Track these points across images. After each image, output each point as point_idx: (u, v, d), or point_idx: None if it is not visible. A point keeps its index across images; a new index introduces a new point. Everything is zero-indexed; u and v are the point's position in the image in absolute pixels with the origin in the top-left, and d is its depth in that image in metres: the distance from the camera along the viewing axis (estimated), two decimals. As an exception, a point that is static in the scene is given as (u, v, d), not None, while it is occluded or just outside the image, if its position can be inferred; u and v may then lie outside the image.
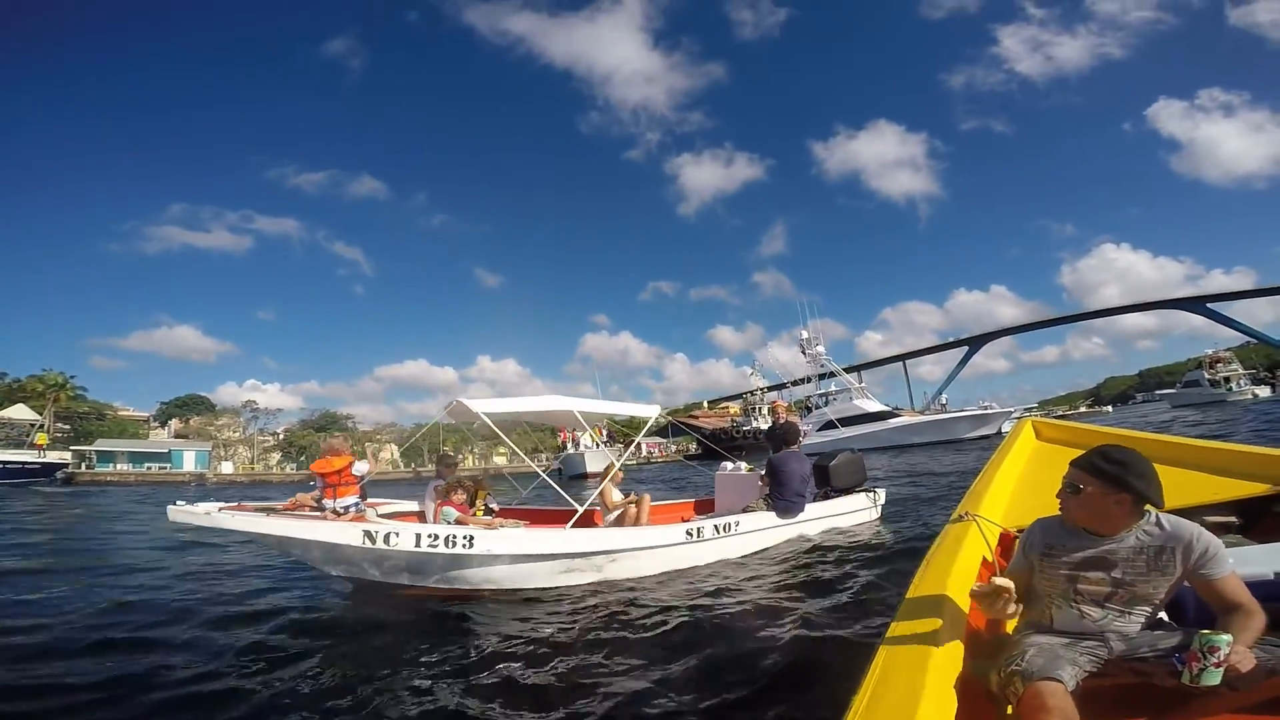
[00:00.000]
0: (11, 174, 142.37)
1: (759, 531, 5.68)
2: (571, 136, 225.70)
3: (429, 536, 4.25)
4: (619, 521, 5.95)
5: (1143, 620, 1.75)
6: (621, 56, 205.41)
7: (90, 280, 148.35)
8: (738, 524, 5.49)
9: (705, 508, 7.34)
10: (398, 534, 4.19)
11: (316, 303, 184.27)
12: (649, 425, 6.06)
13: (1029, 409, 37.19)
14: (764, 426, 57.26)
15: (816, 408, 40.92)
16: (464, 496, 5.25)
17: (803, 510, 5.91)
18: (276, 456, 65.08)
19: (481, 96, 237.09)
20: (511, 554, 4.53)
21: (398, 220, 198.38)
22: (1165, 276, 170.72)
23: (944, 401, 53.00)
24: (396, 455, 62.95)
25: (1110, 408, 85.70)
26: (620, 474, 6.57)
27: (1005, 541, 2.64)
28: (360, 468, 5.24)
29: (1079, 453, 1.86)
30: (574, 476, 34.12)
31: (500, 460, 61.74)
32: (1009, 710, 1.66)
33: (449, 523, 4.77)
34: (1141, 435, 3.89)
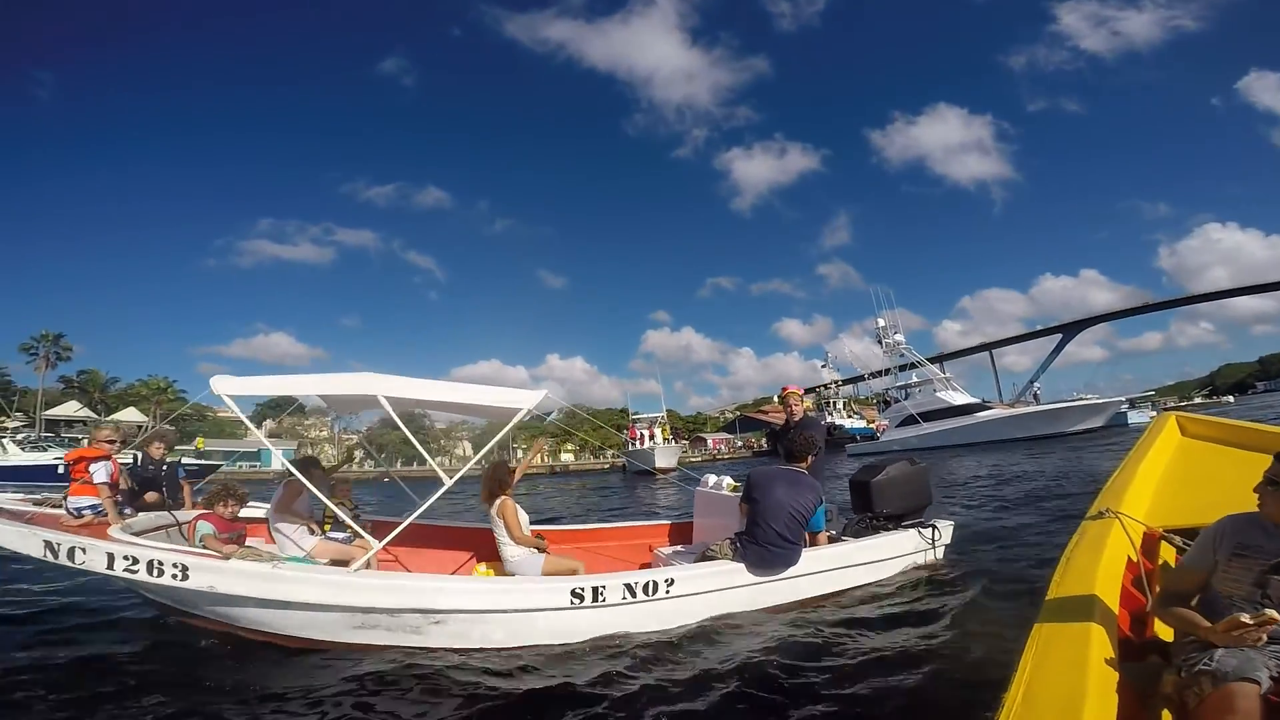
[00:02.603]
0: (119, 201, 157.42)
1: (711, 594, 3.94)
2: (619, 138, 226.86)
3: (126, 559, 3.44)
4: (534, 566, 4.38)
5: None
6: (660, 56, 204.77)
7: (195, 293, 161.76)
8: (670, 582, 3.81)
9: (682, 533, 5.90)
10: (84, 550, 3.48)
11: (395, 309, 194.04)
12: (519, 417, 4.27)
13: (1136, 397, 33.45)
14: (838, 422, 54.49)
15: (895, 401, 38.43)
16: (234, 510, 4.32)
17: (794, 562, 4.12)
18: (359, 454, 68.24)
19: (529, 104, 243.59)
20: (248, 596, 3.50)
21: (464, 227, 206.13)
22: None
23: (1038, 391, 48.87)
24: (469, 451, 64.95)
25: (1231, 397, 76.93)
26: (510, 482, 4.68)
27: (1149, 541, 2.59)
28: (95, 472, 4.54)
29: (1230, 450, 1.89)
30: (639, 473, 31.97)
31: (568, 457, 62.28)
32: (1165, 715, 1.64)
33: (199, 539, 4.03)
34: None
